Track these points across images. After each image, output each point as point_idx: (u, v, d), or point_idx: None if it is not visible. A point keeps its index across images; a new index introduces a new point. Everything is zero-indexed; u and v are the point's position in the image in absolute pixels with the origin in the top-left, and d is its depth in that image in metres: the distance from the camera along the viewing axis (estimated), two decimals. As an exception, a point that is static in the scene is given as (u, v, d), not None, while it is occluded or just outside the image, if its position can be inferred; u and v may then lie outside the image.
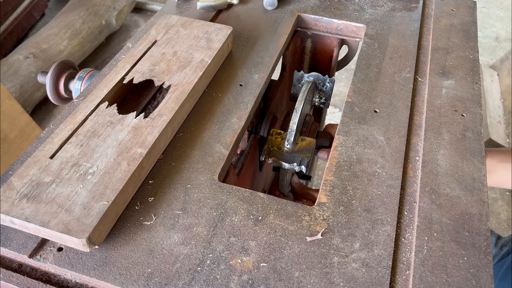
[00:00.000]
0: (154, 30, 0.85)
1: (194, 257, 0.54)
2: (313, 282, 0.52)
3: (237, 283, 0.52)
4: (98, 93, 0.71)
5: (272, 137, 0.88)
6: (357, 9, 1.01)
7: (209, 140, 0.70)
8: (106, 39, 3.06)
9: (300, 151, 0.86)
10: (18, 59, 2.45)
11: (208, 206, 0.60)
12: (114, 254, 0.55)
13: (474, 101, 0.78)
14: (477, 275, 0.54)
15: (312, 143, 0.87)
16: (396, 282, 0.54)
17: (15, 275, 0.54)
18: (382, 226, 0.58)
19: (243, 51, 0.89)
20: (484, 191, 0.63)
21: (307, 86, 0.86)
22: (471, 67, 0.85)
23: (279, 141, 0.87)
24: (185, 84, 0.73)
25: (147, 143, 0.63)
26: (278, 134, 0.88)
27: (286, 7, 1.01)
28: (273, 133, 0.89)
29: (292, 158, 0.85)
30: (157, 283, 0.52)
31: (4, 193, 0.55)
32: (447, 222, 0.59)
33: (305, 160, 0.84)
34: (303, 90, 0.86)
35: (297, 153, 0.85)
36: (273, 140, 0.87)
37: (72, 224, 0.52)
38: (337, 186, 0.63)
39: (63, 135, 0.63)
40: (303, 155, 0.85)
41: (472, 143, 0.70)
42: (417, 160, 0.68)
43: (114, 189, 0.56)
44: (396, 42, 0.91)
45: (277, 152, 0.85)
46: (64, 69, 0.93)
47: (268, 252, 0.55)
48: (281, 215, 0.59)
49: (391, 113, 0.75)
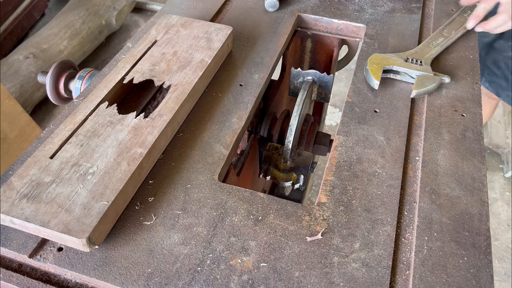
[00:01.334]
0: (154, 30, 0.85)
1: (194, 257, 0.55)
2: (313, 282, 0.52)
3: (237, 283, 0.52)
4: (98, 93, 0.71)
5: (269, 153, 0.89)
6: (357, 9, 1.01)
7: (209, 140, 0.70)
8: (106, 39, 3.06)
9: (297, 168, 0.86)
10: (18, 59, 2.45)
11: (208, 206, 0.60)
12: (114, 254, 0.55)
13: (474, 101, 0.78)
14: (477, 275, 0.54)
15: (309, 157, 0.87)
16: (396, 282, 0.54)
17: (15, 275, 0.54)
18: (382, 226, 0.58)
19: (243, 51, 0.89)
20: (484, 191, 0.63)
21: (303, 94, 0.84)
22: (471, 67, 0.85)
23: (276, 157, 0.87)
24: (185, 84, 0.73)
25: (147, 143, 0.63)
26: (275, 150, 0.89)
27: (286, 7, 1.01)
28: (270, 148, 0.89)
29: (289, 177, 0.86)
30: (157, 283, 0.52)
31: (4, 193, 0.55)
32: (447, 222, 0.59)
33: (301, 177, 0.84)
34: (297, 103, 0.83)
35: (294, 170, 0.86)
36: (270, 157, 0.88)
37: (72, 224, 0.52)
38: (337, 186, 0.63)
39: (63, 135, 0.63)
40: (300, 173, 0.85)
41: (472, 143, 0.70)
42: (417, 160, 0.68)
43: (114, 189, 0.56)
44: (396, 42, 0.91)
45: (274, 170, 0.86)
46: (64, 69, 0.93)
47: (268, 252, 0.55)
48: (281, 215, 0.59)
49: (391, 113, 0.75)
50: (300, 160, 0.88)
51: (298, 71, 0.90)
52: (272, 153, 0.88)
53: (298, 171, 0.86)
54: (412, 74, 0.80)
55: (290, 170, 0.86)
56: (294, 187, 0.85)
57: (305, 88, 0.86)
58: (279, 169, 0.86)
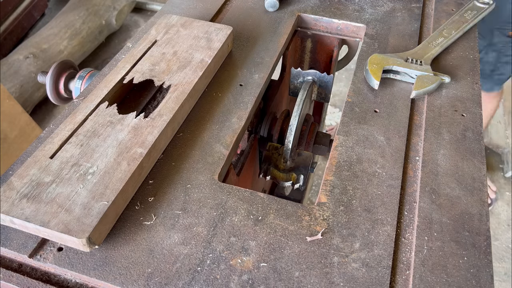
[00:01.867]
0: (154, 30, 0.85)
1: (194, 257, 0.55)
2: (313, 282, 0.52)
3: (237, 283, 0.52)
4: (98, 93, 0.71)
5: (269, 153, 0.89)
6: (357, 9, 1.01)
7: (209, 140, 0.70)
8: (106, 39, 3.06)
9: (297, 168, 0.86)
10: (18, 59, 2.45)
11: (208, 206, 0.60)
12: (114, 254, 0.55)
13: (474, 101, 0.78)
14: (477, 275, 0.54)
15: (309, 157, 0.87)
16: (396, 282, 0.54)
17: (15, 275, 0.54)
18: (382, 226, 0.58)
19: (243, 51, 0.89)
20: (484, 191, 0.63)
21: (303, 94, 0.84)
22: (471, 67, 0.85)
23: (276, 157, 0.87)
24: (185, 84, 0.73)
25: (147, 143, 0.63)
26: (275, 150, 0.89)
27: (286, 7, 1.01)
28: (270, 148, 0.89)
29: (289, 177, 0.85)
30: (157, 283, 0.52)
31: (4, 193, 0.55)
32: (447, 222, 0.59)
33: (301, 177, 0.84)
34: (297, 103, 0.83)
35: (294, 170, 0.86)
36: (270, 157, 0.88)
37: (72, 224, 0.52)
38: (337, 186, 0.63)
39: (63, 135, 0.63)
40: (300, 173, 0.85)
41: (472, 143, 0.70)
42: (417, 160, 0.68)
43: (114, 189, 0.56)
44: (396, 42, 0.91)
45: (274, 170, 0.86)
46: (64, 69, 0.93)
47: (268, 252, 0.55)
48: (281, 215, 0.59)
49: (391, 113, 0.75)
50: (300, 160, 0.88)
51: (298, 71, 0.90)
52: (272, 153, 0.88)
53: (298, 171, 0.86)
54: (412, 74, 0.80)
55: (290, 170, 0.86)
56: (294, 187, 0.85)
57: (305, 88, 0.86)
58: (279, 169, 0.86)
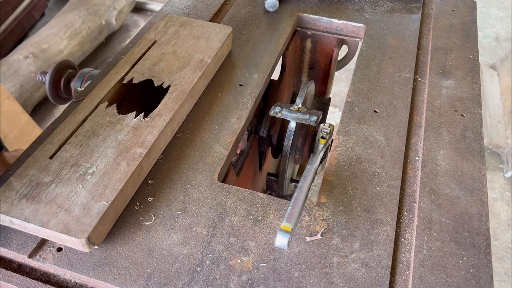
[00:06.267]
0: (154, 30, 0.85)
1: (193, 257, 0.54)
2: (312, 282, 0.52)
3: (236, 283, 0.52)
4: (98, 93, 0.71)
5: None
6: (357, 9, 1.01)
7: (209, 140, 0.70)
8: (106, 39, 3.06)
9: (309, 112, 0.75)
10: (18, 59, 2.45)
11: (208, 206, 0.60)
12: (114, 254, 0.55)
13: (474, 101, 0.78)
14: (477, 275, 0.54)
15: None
16: (396, 282, 0.53)
17: (15, 275, 0.54)
18: (382, 226, 0.58)
19: (243, 51, 0.89)
20: (484, 191, 0.63)
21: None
22: (471, 67, 0.85)
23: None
24: (184, 84, 0.73)
25: (147, 143, 0.63)
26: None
27: (286, 7, 1.01)
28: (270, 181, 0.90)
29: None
30: (156, 283, 0.52)
31: (4, 193, 0.55)
32: (446, 222, 0.59)
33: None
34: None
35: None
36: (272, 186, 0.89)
37: (72, 224, 0.52)
38: (337, 186, 0.63)
39: (63, 135, 0.63)
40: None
41: (472, 143, 0.70)
42: (417, 160, 0.68)
43: (113, 189, 0.56)
44: (396, 42, 0.91)
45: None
46: (64, 69, 0.93)
47: (267, 252, 0.55)
48: (281, 215, 0.59)
49: (391, 113, 0.75)
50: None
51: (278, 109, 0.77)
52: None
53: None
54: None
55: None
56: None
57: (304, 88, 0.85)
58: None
